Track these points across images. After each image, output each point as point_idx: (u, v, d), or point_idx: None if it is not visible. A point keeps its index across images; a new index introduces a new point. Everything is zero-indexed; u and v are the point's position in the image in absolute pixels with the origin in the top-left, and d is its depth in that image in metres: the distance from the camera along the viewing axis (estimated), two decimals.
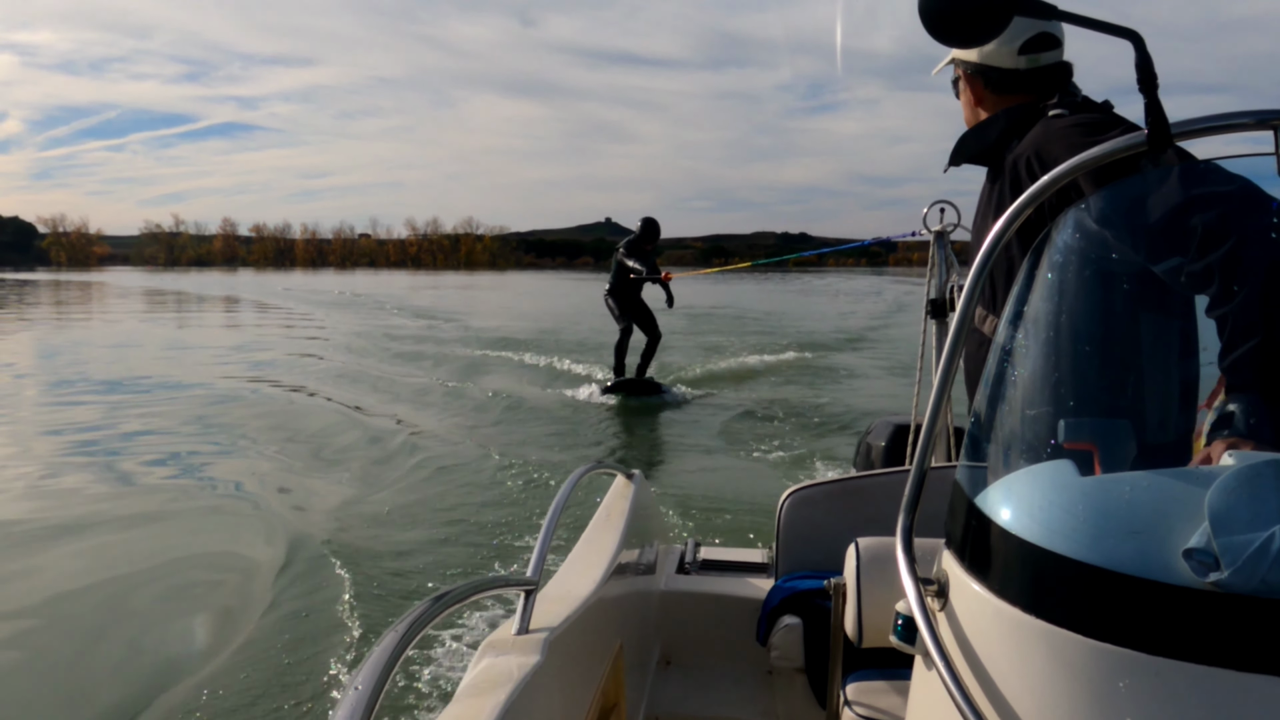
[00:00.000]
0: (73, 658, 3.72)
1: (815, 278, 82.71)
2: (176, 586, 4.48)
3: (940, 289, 2.93)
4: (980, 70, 2.03)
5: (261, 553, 4.90)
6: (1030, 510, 0.86)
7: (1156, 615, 0.75)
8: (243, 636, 3.83)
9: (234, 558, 4.90)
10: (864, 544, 1.63)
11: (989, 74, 2.02)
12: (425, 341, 17.70)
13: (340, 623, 3.94)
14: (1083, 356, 0.99)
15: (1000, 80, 2.01)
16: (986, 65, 2.01)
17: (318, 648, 3.69)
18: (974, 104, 2.08)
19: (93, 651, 3.77)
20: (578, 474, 2.01)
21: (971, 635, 0.90)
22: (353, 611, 4.04)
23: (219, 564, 4.83)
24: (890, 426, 3.27)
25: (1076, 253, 0.99)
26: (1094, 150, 0.98)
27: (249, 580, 4.54)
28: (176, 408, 9.75)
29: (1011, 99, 2.00)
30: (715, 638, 2.52)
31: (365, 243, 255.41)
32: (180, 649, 3.78)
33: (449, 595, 1.14)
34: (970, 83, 2.07)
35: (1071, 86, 1.96)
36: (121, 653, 3.76)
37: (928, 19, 0.99)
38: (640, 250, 10.33)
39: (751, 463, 7.21)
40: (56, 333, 21.26)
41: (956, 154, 2.06)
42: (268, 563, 4.73)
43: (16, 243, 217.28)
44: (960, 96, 2.14)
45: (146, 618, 4.12)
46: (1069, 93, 1.93)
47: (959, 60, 2.09)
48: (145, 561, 4.83)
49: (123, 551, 5.01)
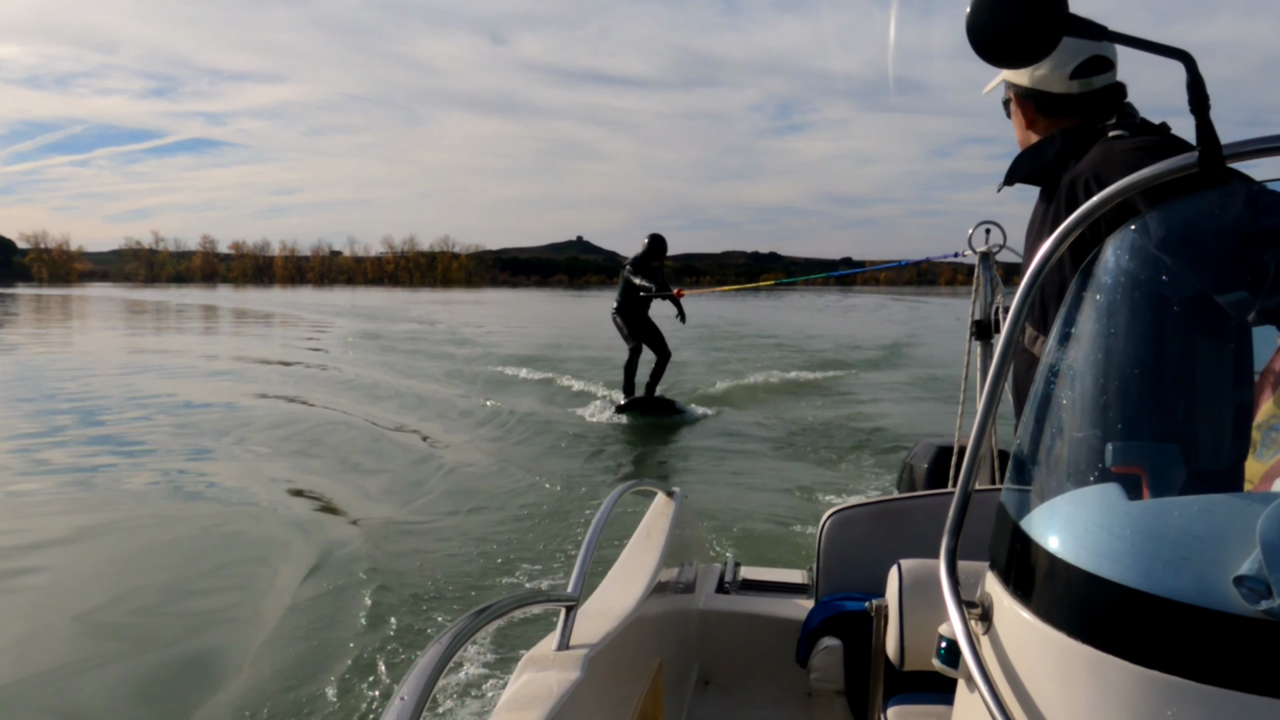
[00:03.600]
0: (108, 661, 3.73)
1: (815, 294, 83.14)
2: (213, 601, 4.48)
3: (985, 310, 2.94)
4: (1031, 94, 2.03)
5: (299, 566, 4.92)
6: (1077, 534, 0.85)
7: (1206, 643, 0.73)
8: (282, 651, 3.82)
9: (270, 571, 4.90)
10: (907, 566, 1.62)
11: (1040, 98, 2.01)
12: (440, 358, 17.81)
13: (382, 634, 3.94)
14: (1132, 379, 0.97)
15: (1051, 104, 2.00)
16: (1038, 90, 2.01)
17: (359, 660, 3.70)
18: (1025, 126, 2.09)
19: (130, 658, 3.78)
20: (619, 491, 2.00)
21: (1016, 660, 0.88)
22: (393, 623, 4.05)
23: (256, 578, 4.82)
24: (933, 448, 3.28)
25: (1128, 273, 0.98)
26: (1145, 171, 0.97)
27: (287, 594, 4.54)
28: (208, 418, 9.77)
29: (1063, 121, 1.98)
30: (754, 658, 2.50)
31: (343, 260, 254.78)
32: (218, 662, 3.77)
33: (490, 609, 1.14)
34: (1021, 105, 2.08)
35: (1128, 107, 1.96)
36: (163, 661, 3.76)
37: (976, 40, 1.00)
38: (647, 267, 10.20)
39: (782, 481, 7.19)
40: (78, 345, 21.30)
41: (1011, 174, 2.07)
42: (306, 575, 4.75)
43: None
44: (1011, 117, 2.16)
45: (187, 628, 4.12)
46: (1126, 114, 1.92)
47: (1010, 82, 2.10)
48: (183, 572, 4.86)
49: (157, 561, 5.04)
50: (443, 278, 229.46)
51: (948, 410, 8.51)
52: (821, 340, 23.94)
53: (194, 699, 3.41)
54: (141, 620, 4.18)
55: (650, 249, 10.20)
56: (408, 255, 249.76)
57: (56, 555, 5.15)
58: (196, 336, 25.57)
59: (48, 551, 5.20)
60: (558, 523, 5.75)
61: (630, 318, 10.32)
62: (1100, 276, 0.99)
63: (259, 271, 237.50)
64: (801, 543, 5.15)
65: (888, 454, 7.97)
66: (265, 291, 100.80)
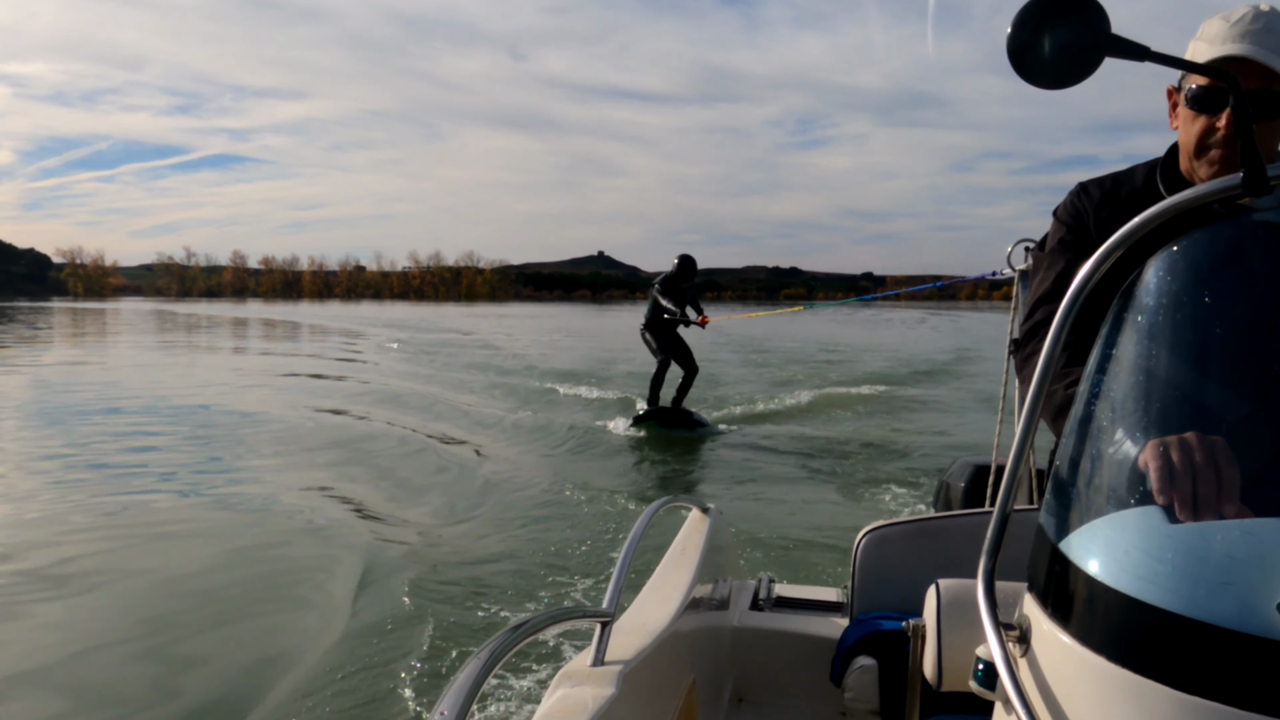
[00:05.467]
0: (158, 667, 3.81)
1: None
2: (259, 614, 4.54)
3: (1023, 328, 2.91)
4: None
5: (340, 574, 4.98)
6: (1118, 557, 0.84)
7: (1249, 670, 0.72)
8: (319, 661, 3.86)
9: (313, 578, 4.97)
10: (945, 585, 1.60)
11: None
12: (477, 369, 18.03)
13: (417, 647, 3.98)
14: (1174, 401, 0.95)
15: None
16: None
17: (397, 671, 3.73)
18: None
19: (178, 663, 3.85)
20: (655, 507, 2.00)
21: (1054, 683, 0.87)
22: (429, 635, 4.09)
23: (298, 586, 4.89)
24: (970, 467, 3.25)
25: (1171, 295, 0.97)
26: (1189, 192, 0.95)
27: (328, 601, 4.60)
28: (263, 432, 9.94)
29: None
30: (788, 676, 2.49)
31: (370, 275, 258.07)
32: (257, 672, 3.82)
33: (527, 625, 1.14)
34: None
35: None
36: (205, 668, 3.82)
37: (1016, 60, 0.99)
38: (676, 289, 10.18)
39: (813, 497, 7.16)
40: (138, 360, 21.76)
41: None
42: (346, 583, 4.82)
43: (32, 273, 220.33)
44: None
45: (232, 635, 4.20)
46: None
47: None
48: (228, 579, 4.96)
49: (208, 568, 5.14)
50: (467, 292, 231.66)
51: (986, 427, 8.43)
52: (871, 354, 23.82)
53: (237, 711, 3.45)
54: (190, 634, 4.24)
55: (680, 270, 10.16)
56: (433, 270, 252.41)
57: (103, 566, 5.23)
58: (253, 350, 26.11)
59: (95, 562, 5.29)
60: (583, 535, 5.78)
61: (658, 334, 10.35)
62: (1142, 298, 0.97)
63: (287, 286, 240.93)
64: (835, 560, 5.12)
65: (924, 472, 7.92)
66: (296, 305, 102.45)
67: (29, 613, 4.45)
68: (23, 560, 5.27)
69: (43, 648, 4.03)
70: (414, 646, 3.99)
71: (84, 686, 3.67)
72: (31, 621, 4.35)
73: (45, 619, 4.39)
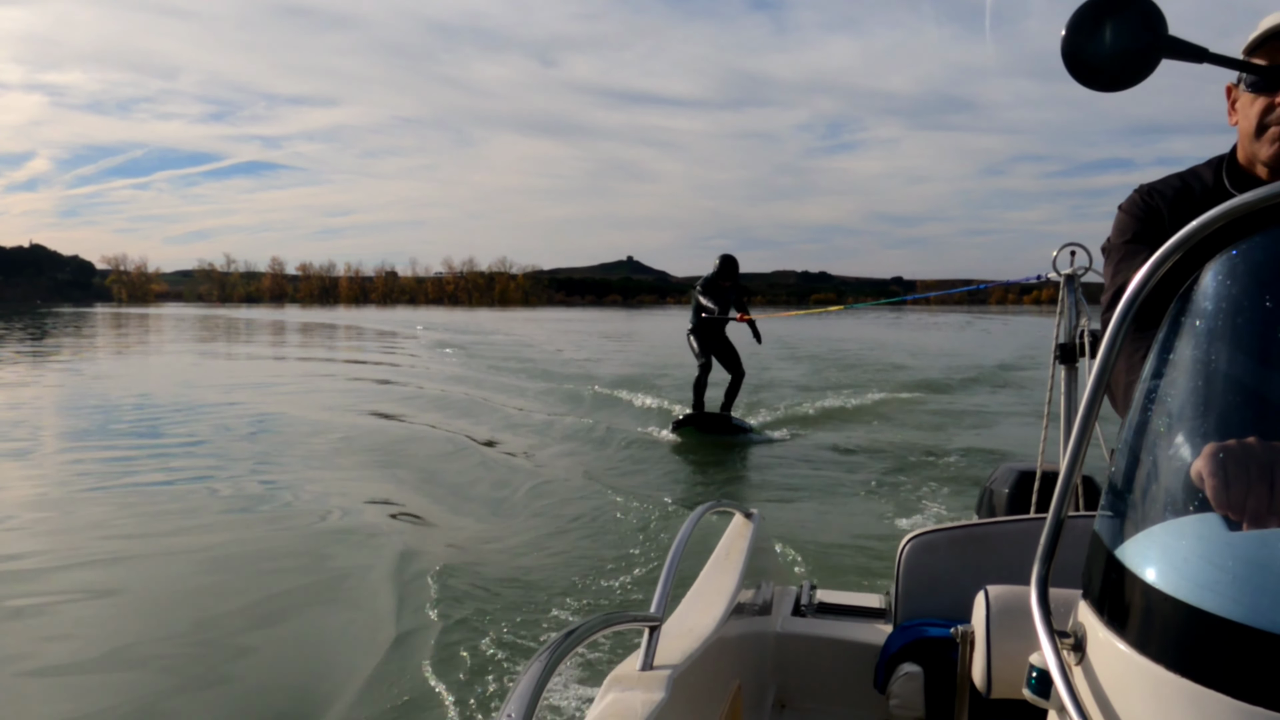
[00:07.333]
0: (207, 667, 3.86)
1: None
2: (306, 614, 4.59)
3: (1070, 333, 2.88)
4: None
5: (386, 575, 5.04)
6: (1176, 565, 0.83)
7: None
8: (371, 661, 3.91)
9: (363, 583, 5.02)
10: (994, 592, 1.58)
11: None
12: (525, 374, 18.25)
13: (468, 649, 4.02)
14: (1234, 407, 0.94)
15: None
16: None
17: (449, 672, 3.77)
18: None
19: (227, 664, 3.90)
20: (699, 512, 2.01)
21: (1110, 691, 0.87)
22: (478, 637, 4.13)
23: (349, 590, 4.94)
24: (1014, 473, 3.21)
25: (1230, 300, 0.95)
26: (1249, 195, 0.94)
27: (375, 602, 4.66)
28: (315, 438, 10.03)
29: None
30: (831, 682, 2.48)
31: (404, 280, 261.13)
32: (314, 674, 3.86)
33: (581, 629, 1.16)
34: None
35: None
36: (256, 672, 3.86)
37: (1071, 63, 0.98)
38: (718, 288, 10.08)
39: (855, 502, 7.12)
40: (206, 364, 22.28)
41: None
42: (393, 584, 4.88)
43: (77, 280, 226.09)
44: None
45: (284, 637, 4.25)
46: None
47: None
48: (280, 586, 4.99)
49: (258, 572, 5.20)
50: (500, 297, 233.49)
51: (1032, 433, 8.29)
52: (922, 358, 23.61)
53: (287, 712, 3.50)
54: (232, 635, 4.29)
55: (721, 270, 10.11)
56: (466, 275, 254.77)
57: (142, 568, 5.33)
58: (300, 351, 26.82)
59: (134, 563, 5.40)
60: (624, 540, 5.81)
61: (703, 337, 10.23)
62: (1200, 302, 0.96)
63: (324, 292, 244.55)
64: (874, 566, 5.09)
65: (966, 478, 7.84)
66: (333, 310, 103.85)
67: (75, 613, 4.54)
68: (70, 557, 5.41)
69: (93, 641, 4.12)
70: (463, 648, 4.02)
71: (128, 682, 3.75)
72: (82, 616, 4.46)
73: (94, 614, 4.50)
